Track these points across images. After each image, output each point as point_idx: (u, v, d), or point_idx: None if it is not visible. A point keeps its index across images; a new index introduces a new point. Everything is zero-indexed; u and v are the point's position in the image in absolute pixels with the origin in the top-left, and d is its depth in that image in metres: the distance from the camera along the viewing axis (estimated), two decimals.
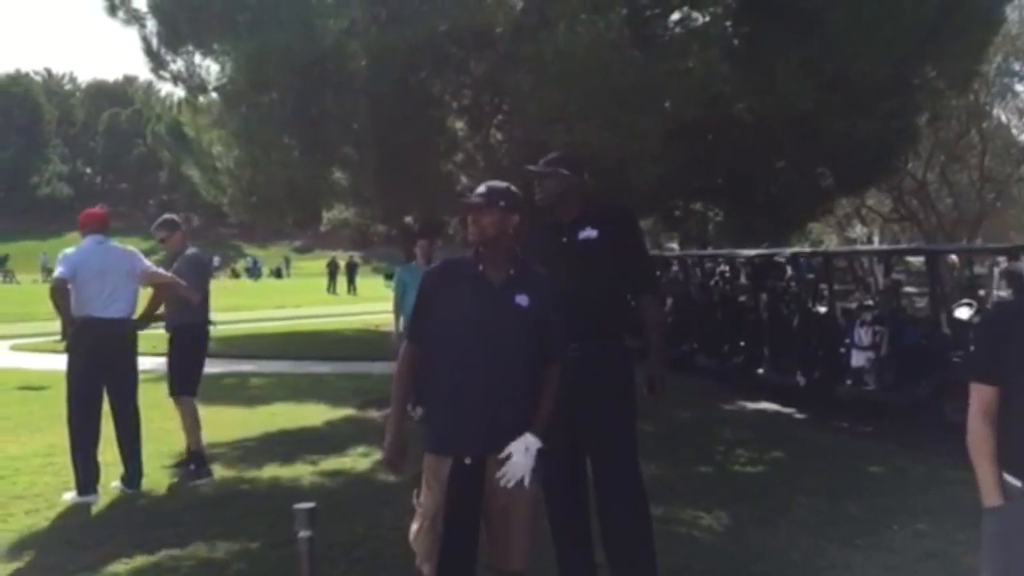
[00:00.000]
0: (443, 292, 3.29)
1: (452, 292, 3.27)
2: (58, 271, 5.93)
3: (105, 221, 6.32)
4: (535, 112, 7.61)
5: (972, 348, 2.62)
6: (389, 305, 8.64)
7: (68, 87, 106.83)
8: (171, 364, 6.79)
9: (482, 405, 3.18)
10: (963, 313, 8.76)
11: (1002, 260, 12.69)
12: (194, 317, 6.72)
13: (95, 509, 5.82)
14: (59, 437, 6.91)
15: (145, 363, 7.81)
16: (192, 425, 6.73)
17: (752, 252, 11.50)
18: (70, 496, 5.91)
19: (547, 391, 3.29)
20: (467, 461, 3.18)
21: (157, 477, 6.59)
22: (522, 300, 3.24)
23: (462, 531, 3.18)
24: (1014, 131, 27.19)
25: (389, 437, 3.34)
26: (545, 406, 3.28)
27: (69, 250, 6.14)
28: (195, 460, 6.69)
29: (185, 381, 6.75)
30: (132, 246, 6.62)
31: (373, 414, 9.20)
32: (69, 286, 5.91)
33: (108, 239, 6.24)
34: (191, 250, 6.88)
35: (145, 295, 6.45)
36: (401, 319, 8.05)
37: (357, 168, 8.95)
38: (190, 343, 6.77)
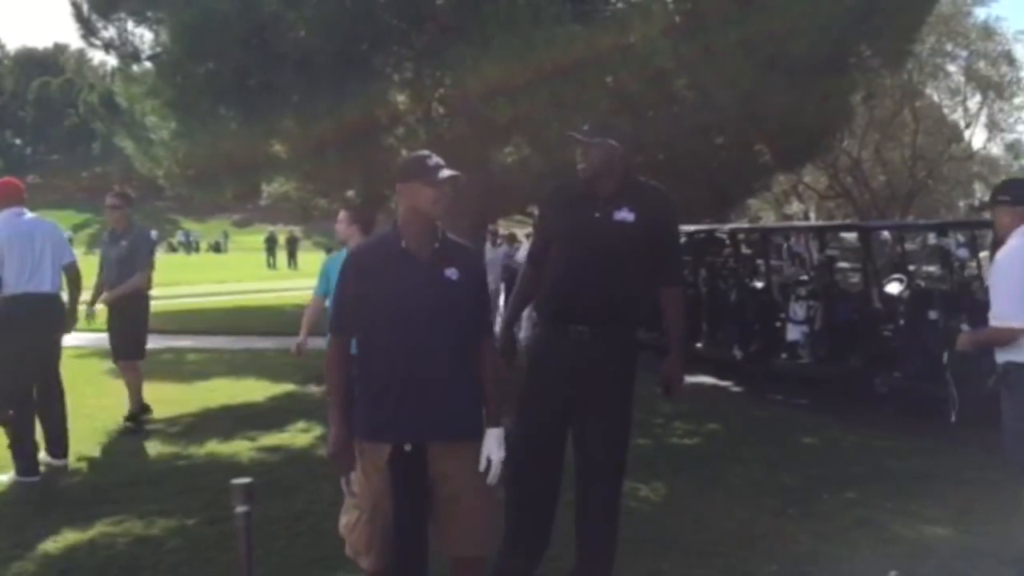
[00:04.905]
0: (368, 275, 3.07)
1: (378, 274, 3.05)
2: None
3: (22, 192, 6.04)
4: (477, 86, 7.56)
5: None
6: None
7: None
8: (126, 329, 7.23)
9: (419, 388, 3.00)
10: (893, 288, 8.99)
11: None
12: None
13: (26, 488, 5.68)
14: None
15: (79, 339, 7.67)
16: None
17: (691, 228, 11.61)
18: (5, 477, 5.76)
19: (488, 371, 3.15)
20: (407, 448, 2.99)
21: (91, 454, 6.48)
22: (452, 274, 3.07)
23: (409, 520, 2.99)
24: (945, 110, 27.75)
25: (334, 430, 3.05)
26: (491, 390, 3.14)
27: None
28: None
29: (139, 345, 7.39)
30: (63, 219, 6.47)
31: (314, 390, 9.13)
32: None
33: (26, 211, 5.97)
34: (142, 229, 7.94)
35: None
36: None
37: (297, 141, 8.80)
38: (144, 308, 7.43)
